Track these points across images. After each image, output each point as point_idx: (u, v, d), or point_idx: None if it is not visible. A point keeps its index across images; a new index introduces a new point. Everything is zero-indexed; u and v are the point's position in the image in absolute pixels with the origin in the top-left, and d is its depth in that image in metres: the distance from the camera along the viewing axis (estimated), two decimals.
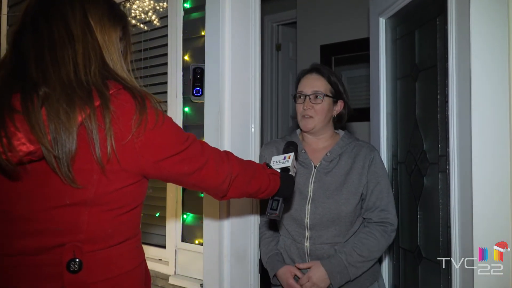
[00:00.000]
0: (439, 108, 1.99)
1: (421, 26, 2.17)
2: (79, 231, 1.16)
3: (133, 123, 1.15)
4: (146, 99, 1.19)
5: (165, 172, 1.27)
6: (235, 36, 2.18)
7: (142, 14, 2.75)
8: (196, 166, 1.34)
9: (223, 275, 2.13)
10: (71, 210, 1.15)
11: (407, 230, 2.33)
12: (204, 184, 1.41)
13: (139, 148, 1.18)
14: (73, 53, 1.16)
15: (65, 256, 1.15)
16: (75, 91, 1.11)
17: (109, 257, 1.21)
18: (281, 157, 1.75)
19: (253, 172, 1.56)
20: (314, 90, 2.10)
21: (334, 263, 1.99)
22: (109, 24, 1.25)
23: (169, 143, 1.26)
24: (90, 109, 1.10)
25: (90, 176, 1.14)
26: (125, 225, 1.25)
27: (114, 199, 1.19)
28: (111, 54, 1.24)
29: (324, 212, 2.03)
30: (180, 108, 2.36)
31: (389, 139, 2.53)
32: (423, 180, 2.15)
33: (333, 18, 4.26)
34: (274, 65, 5.28)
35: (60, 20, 1.19)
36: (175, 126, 1.31)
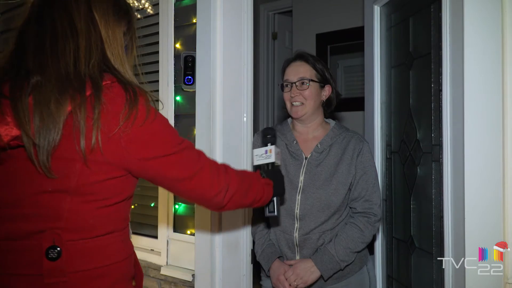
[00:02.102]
0: (433, 96, 1.97)
1: (415, 14, 2.14)
2: (60, 219, 1.16)
3: (121, 116, 1.14)
4: (139, 95, 1.18)
5: (150, 172, 1.25)
6: (227, 24, 2.15)
7: (135, 2, 2.72)
8: (187, 173, 1.30)
9: (214, 265, 2.12)
10: (52, 197, 1.16)
11: (400, 220, 2.32)
12: (194, 194, 1.36)
13: (124, 143, 1.16)
14: (75, 47, 1.17)
15: (45, 243, 1.16)
16: (70, 82, 1.12)
17: (90, 248, 1.20)
18: (262, 151, 1.70)
19: (249, 184, 1.52)
20: (300, 76, 2.10)
21: (326, 260, 2.01)
22: (114, 18, 1.25)
23: (158, 143, 1.23)
24: (80, 98, 1.11)
25: (72, 165, 1.14)
26: (109, 217, 1.23)
27: (97, 191, 1.18)
28: (113, 48, 1.23)
29: (314, 202, 2.04)
30: (172, 97, 2.34)
31: (383, 128, 2.51)
32: (417, 169, 2.13)
33: (329, 7, 4.22)
34: (270, 54, 5.24)
35: (64, 13, 1.19)
36: (169, 128, 1.28)
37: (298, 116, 2.11)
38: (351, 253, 2.03)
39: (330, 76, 2.16)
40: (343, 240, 2.02)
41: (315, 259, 2.02)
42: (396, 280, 2.38)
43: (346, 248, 2.01)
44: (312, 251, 2.06)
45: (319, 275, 2.02)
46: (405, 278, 2.27)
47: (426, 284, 2.07)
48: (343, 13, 4.08)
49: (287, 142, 2.16)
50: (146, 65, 2.55)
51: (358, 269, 2.12)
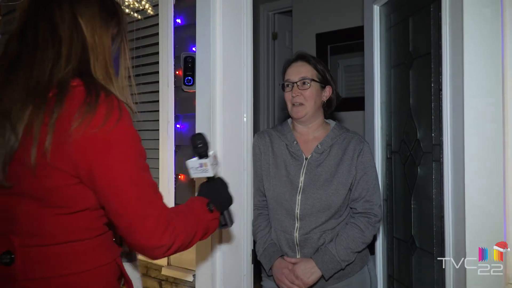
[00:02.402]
0: (433, 96, 1.97)
1: (415, 13, 2.14)
2: (15, 223, 1.15)
3: (74, 119, 1.09)
4: (103, 99, 1.12)
5: (96, 185, 1.14)
6: (226, 25, 2.15)
7: (135, 3, 2.72)
8: (129, 211, 1.15)
9: (215, 265, 2.12)
10: (10, 199, 1.15)
11: (401, 220, 2.32)
12: (130, 238, 1.18)
13: (73, 147, 1.10)
14: (55, 55, 1.16)
15: (2, 246, 1.15)
16: (37, 92, 1.11)
17: (50, 255, 1.16)
18: (197, 163, 1.51)
19: (195, 231, 1.31)
20: (301, 76, 2.10)
21: (326, 260, 2.01)
22: (100, 23, 1.24)
23: (109, 156, 1.13)
24: (41, 105, 1.10)
25: (24, 169, 1.12)
26: (68, 226, 1.17)
27: (51, 197, 1.14)
28: (98, 53, 1.21)
29: (314, 203, 2.04)
30: (172, 98, 2.34)
31: (383, 128, 2.50)
32: (417, 169, 2.13)
33: (329, 7, 4.21)
34: (271, 54, 5.24)
35: (48, 23, 1.19)
36: (130, 146, 1.17)
37: (299, 117, 2.11)
38: (351, 253, 2.03)
39: (330, 77, 2.17)
40: (344, 240, 2.02)
41: (316, 259, 2.02)
42: (397, 280, 2.37)
43: (347, 248, 2.01)
44: (312, 251, 2.06)
45: (320, 275, 2.02)
46: (406, 278, 2.26)
47: (427, 284, 2.07)
48: (343, 12, 4.07)
49: (287, 143, 2.16)
50: (146, 66, 2.56)
51: (359, 268, 2.13)
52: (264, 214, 2.22)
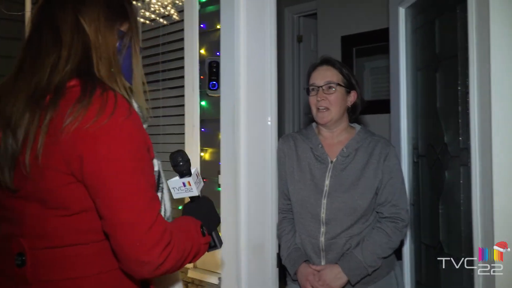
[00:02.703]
0: (460, 99, 1.94)
1: (441, 15, 2.12)
2: (22, 225, 1.16)
3: (66, 117, 1.06)
4: (97, 94, 1.09)
5: (87, 179, 1.09)
6: (250, 29, 2.16)
7: (161, 9, 2.75)
8: (116, 212, 1.07)
9: (240, 268, 2.13)
10: (18, 202, 1.16)
11: (428, 225, 2.29)
12: (117, 247, 1.08)
13: (64, 144, 1.07)
14: (56, 58, 1.16)
15: (15, 248, 1.15)
16: (35, 96, 1.11)
17: (57, 258, 1.14)
18: (179, 183, 1.38)
19: (187, 254, 1.20)
20: (327, 80, 2.08)
21: (353, 266, 1.99)
22: (105, 23, 1.23)
23: (99, 151, 1.07)
24: (38, 109, 1.10)
25: (19, 171, 1.13)
26: (69, 228, 1.13)
27: (50, 198, 1.12)
28: (101, 52, 1.20)
29: (340, 206, 2.02)
30: (197, 102, 2.36)
31: (409, 131, 2.48)
32: (445, 174, 2.10)
33: (354, 9, 4.19)
34: (296, 57, 5.23)
35: (50, 27, 1.19)
36: (126, 145, 1.09)
37: (324, 122, 2.10)
38: (378, 259, 2.01)
39: (355, 82, 2.15)
40: (370, 246, 2.00)
41: (342, 265, 2.01)
42: (425, 286, 2.34)
43: (373, 253, 1.99)
44: (338, 256, 2.04)
45: (346, 281, 2.01)
46: (434, 284, 2.23)
47: None
48: (368, 15, 4.04)
49: (312, 146, 2.15)
50: (172, 70, 2.59)
51: (385, 274, 2.10)
52: (289, 218, 2.21)
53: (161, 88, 2.73)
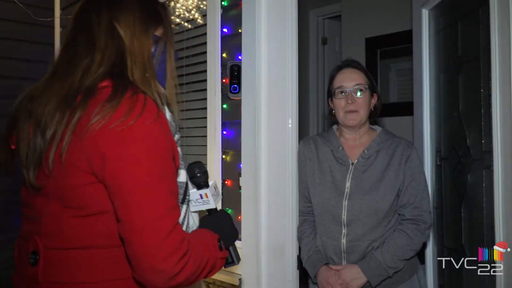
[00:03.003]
0: (483, 102, 1.92)
1: (463, 17, 2.10)
2: (40, 223, 1.15)
3: (93, 114, 1.06)
4: (126, 96, 1.09)
5: (108, 178, 1.07)
6: (271, 33, 2.17)
7: (186, 13, 2.79)
8: (134, 218, 1.04)
9: (260, 270, 2.14)
10: (39, 199, 1.16)
11: (451, 229, 2.26)
12: (132, 251, 1.05)
13: (88, 142, 1.06)
14: (90, 62, 1.17)
15: (31, 246, 1.15)
16: (67, 98, 1.12)
17: (69, 260, 1.12)
18: (197, 195, 1.37)
19: (204, 266, 1.15)
20: (356, 83, 2.08)
21: (373, 266, 1.99)
22: (141, 27, 1.23)
23: (122, 152, 1.06)
24: (68, 111, 1.10)
25: (45, 168, 1.13)
26: (85, 229, 1.12)
27: (69, 196, 1.11)
28: (136, 56, 1.20)
29: (361, 208, 2.02)
30: (219, 105, 2.39)
31: (432, 134, 2.45)
32: (467, 177, 2.07)
33: (378, 10, 4.16)
34: (320, 59, 5.23)
35: (86, 31, 1.21)
36: (150, 148, 1.07)
37: (353, 125, 2.10)
38: (399, 260, 1.99)
39: (376, 84, 2.16)
40: (390, 247, 1.99)
41: (362, 266, 2.00)
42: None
43: (394, 255, 1.98)
44: (359, 259, 2.04)
45: (365, 282, 2.00)
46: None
47: None
48: (393, 16, 4.01)
49: (332, 148, 2.15)
50: (195, 74, 2.63)
51: (408, 277, 2.08)
52: (310, 221, 2.22)
53: (184, 91, 2.78)
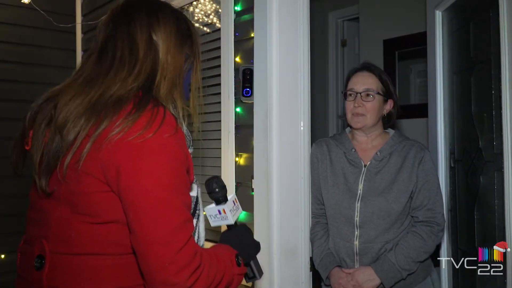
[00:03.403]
0: (494, 103, 1.91)
1: (475, 18, 2.09)
2: (48, 227, 1.15)
3: (114, 126, 1.08)
4: (147, 109, 1.10)
5: (121, 190, 1.07)
6: (283, 37, 2.20)
7: (204, 17, 2.84)
8: (144, 232, 1.04)
9: (273, 272, 2.16)
10: (49, 203, 1.16)
11: (465, 231, 2.25)
12: (143, 262, 1.05)
13: (105, 152, 1.08)
14: (127, 74, 1.18)
15: (36, 250, 1.15)
16: (95, 107, 1.12)
17: (75, 266, 1.12)
18: (215, 210, 1.36)
19: (222, 276, 1.15)
20: (366, 87, 2.08)
21: (386, 268, 1.99)
22: (175, 44, 1.25)
23: (137, 165, 1.07)
24: (92, 118, 1.11)
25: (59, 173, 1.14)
26: (98, 237, 1.12)
27: (81, 203, 1.12)
28: (167, 72, 1.22)
29: (374, 210, 2.02)
30: (232, 109, 2.42)
31: (446, 136, 2.44)
32: (479, 179, 2.06)
33: (395, 12, 4.14)
34: (340, 61, 5.22)
35: (126, 42, 1.22)
36: (166, 162, 1.08)
37: (358, 127, 2.11)
38: (412, 262, 1.99)
39: (393, 89, 2.14)
40: (404, 249, 1.99)
41: (376, 267, 2.00)
42: None
43: (407, 257, 1.98)
44: (372, 261, 2.04)
45: (379, 283, 2.00)
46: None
47: None
48: (411, 18, 3.98)
49: (345, 151, 2.16)
50: (210, 78, 2.68)
51: (421, 279, 2.07)
52: (322, 223, 2.23)
53: (201, 95, 2.82)
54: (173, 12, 1.31)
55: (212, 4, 2.74)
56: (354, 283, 2.01)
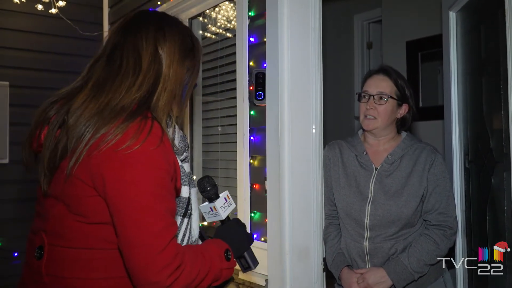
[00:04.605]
0: (503, 104, 1.90)
1: (485, 19, 2.08)
2: (48, 222, 1.24)
3: (108, 134, 1.15)
4: (135, 121, 1.17)
5: (107, 198, 1.15)
6: (294, 41, 2.24)
7: (227, 23, 2.91)
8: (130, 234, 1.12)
9: (285, 271, 2.20)
10: (50, 200, 1.25)
11: (478, 232, 2.24)
12: (128, 260, 1.14)
13: (94, 161, 1.15)
14: (132, 83, 1.24)
15: (37, 241, 1.25)
16: (100, 114, 1.19)
17: (70, 257, 1.21)
18: (208, 208, 1.47)
19: (207, 271, 1.23)
20: (379, 90, 2.09)
21: (398, 270, 1.99)
22: (178, 57, 1.32)
23: (121, 175, 1.14)
24: (96, 125, 1.18)
25: (60, 175, 1.22)
26: (87, 234, 1.21)
27: (74, 204, 1.20)
28: (168, 84, 1.28)
29: (384, 214, 2.03)
30: (247, 112, 2.48)
31: (461, 137, 2.43)
32: (491, 179, 2.05)
33: (418, 13, 4.12)
34: (366, 63, 5.22)
35: (133, 52, 1.28)
36: (149, 172, 1.15)
37: (369, 129, 2.12)
38: (425, 265, 1.99)
39: (410, 94, 2.13)
40: (417, 252, 1.99)
41: (388, 269, 2.01)
42: None
43: (420, 260, 1.98)
44: (383, 261, 2.05)
45: (390, 285, 2.01)
46: None
47: None
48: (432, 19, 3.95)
49: (356, 153, 2.18)
50: (229, 82, 2.75)
51: (433, 280, 2.07)
52: (335, 224, 2.25)
53: (219, 99, 2.91)
54: (179, 27, 1.37)
55: (234, 10, 2.80)
56: (365, 285, 2.02)
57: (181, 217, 1.35)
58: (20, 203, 3.41)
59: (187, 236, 1.37)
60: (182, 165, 1.37)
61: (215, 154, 3.00)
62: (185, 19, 3.06)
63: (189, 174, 1.41)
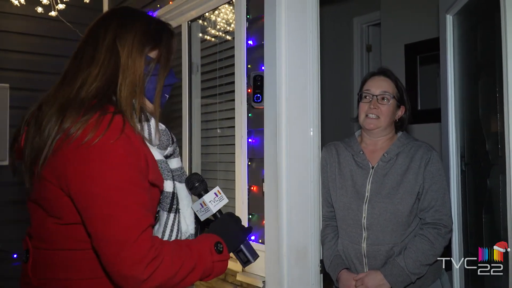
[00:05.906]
0: (498, 107, 1.91)
1: (481, 22, 2.10)
2: (31, 226, 1.27)
3: (69, 130, 1.14)
4: (95, 115, 1.15)
5: (72, 194, 1.15)
6: (292, 44, 2.26)
7: (226, 26, 2.92)
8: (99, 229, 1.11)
9: (282, 273, 2.21)
10: (31, 205, 1.27)
11: (474, 235, 2.25)
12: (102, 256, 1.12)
13: (58, 160, 1.15)
14: (87, 75, 1.24)
15: (24, 245, 1.27)
16: (63, 108, 1.19)
17: (54, 259, 1.21)
18: (198, 205, 1.43)
19: (193, 264, 1.20)
20: (383, 90, 2.11)
21: (395, 273, 2.00)
22: (137, 47, 1.30)
23: (83, 170, 1.12)
24: (59, 121, 1.17)
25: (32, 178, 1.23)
26: (67, 235, 1.20)
27: (47, 206, 1.20)
28: (127, 75, 1.26)
29: (380, 212, 2.04)
30: (245, 114, 2.49)
31: (457, 139, 2.44)
32: (487, 182, 2.06)
33: (416, 17, 4.14)
34: (365, 66, 5.24)
35: (92, 44, 1.30)
36: (112, 164, 1.14)
37: (370, 128, 2.13)
38: (422, 266, 2.00)
39: (406, 98, 2.16)
40: (413, 253, 2.00)
41: (385, 272, 2.02)
42: None
43: (416, 261, 1.98)
44: (381, 264, 2.05)
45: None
46: None
47: None
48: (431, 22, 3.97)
49: (353, 153, 2.19)
50: (227, 85, 2.76)
51: (430, 282, 2.07)
52: (332, 225, 2.26)
53: (218, 101, 2.92)
54: (145, 19, 1.35)
55: (233, 14, 2.81)
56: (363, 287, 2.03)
57: (166, 212, 1.34)
58: (20, 204, 3.41)
59: (175, 231, 1.36)
60: (164, 160, 1.36)
61: (214, 156, 3.01)
62: (185, 22, 3.08)
63: (178, 169, 1.41)
